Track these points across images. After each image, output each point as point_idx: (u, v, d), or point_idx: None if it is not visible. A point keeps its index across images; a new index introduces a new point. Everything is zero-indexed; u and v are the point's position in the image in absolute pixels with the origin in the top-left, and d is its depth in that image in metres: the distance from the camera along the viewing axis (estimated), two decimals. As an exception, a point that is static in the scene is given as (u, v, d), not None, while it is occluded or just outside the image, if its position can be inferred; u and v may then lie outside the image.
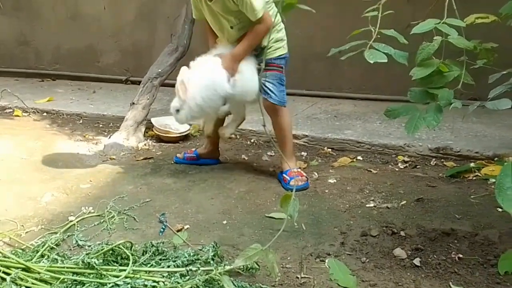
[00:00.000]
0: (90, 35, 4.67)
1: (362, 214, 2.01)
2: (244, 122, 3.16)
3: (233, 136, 2.76)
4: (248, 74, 2.27)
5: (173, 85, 4.02)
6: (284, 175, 2.36)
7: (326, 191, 2.26)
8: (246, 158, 2.76)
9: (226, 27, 2.32)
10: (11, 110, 3.89)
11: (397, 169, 2.48)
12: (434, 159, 2.55)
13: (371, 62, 1.41)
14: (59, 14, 4.78)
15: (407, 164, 2.53)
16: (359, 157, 2.66)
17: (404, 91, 3.10)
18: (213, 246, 1.71)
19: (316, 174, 2.46)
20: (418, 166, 2.50)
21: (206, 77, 2.27)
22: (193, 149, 2.76)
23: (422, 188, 2.25)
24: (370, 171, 2.47)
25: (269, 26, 2.24)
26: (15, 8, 4.97)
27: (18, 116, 3.76)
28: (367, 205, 2.09)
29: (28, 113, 3.80)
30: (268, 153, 2.82)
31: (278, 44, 2.34)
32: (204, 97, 2.25)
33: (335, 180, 2.37)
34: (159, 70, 3.33)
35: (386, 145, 2.68)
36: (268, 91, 2.34)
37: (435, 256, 1.70)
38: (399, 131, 2.82)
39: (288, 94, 3.75)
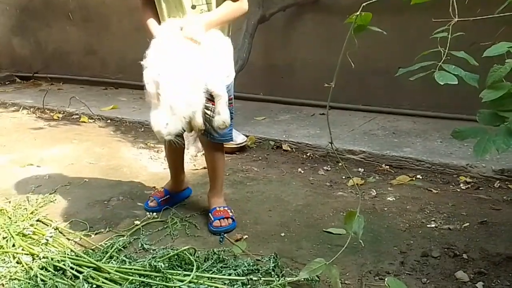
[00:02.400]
0: (152, 47, 4.87)
1: (422, 234, 1.98)
2: (301, 136, 3.24)
3: None
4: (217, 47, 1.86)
5: (235, 97, 4.18)
6: (210, 214, 2.15)
7: (385, 209, 2.24)
8: (302, 172, 2.78)
9: (185, 7, 1.91)
10: (78, 116, 4.12)
11: (459, 190, 2.43)
12: (498, 181, 2.47)
13: (441, 84, 1.40)
14: (125, 26, 5.01)
15: (470, 185, 2.46)
16: (418, 176, 2.62)
17: (466, 109, 3.06)
18: (274, 258, 1.74)
19: (374, 191, 2.44)
20: (481, 188, 2.43)
21: (180, 71, 1.73)
22: (162, 189, 2.39)
23: (485, 210, 2.18)
24: (431, 190, 2.42)
25: (246, 10, 1.96)
26: (84, 20, 5.27)
27: (84, 122, 3.98)
28: (428, 226, 2.05)
29: (93, 120, 4.01)
30: (324, 167, 2.83)
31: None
32: (186, 96, 1.72)
33: (394, 198, 2.35)
34: (219, 82, 3.43)
35: (447, 165, 2.62)
36: (211, 131, 1.94)
37: (499, 281, 1.66)
38: (461, 150, 2.76)
39: (344, 109, 3.82)
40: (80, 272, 1.73)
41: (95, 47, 5.29)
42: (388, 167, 2.77)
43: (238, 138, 3.20)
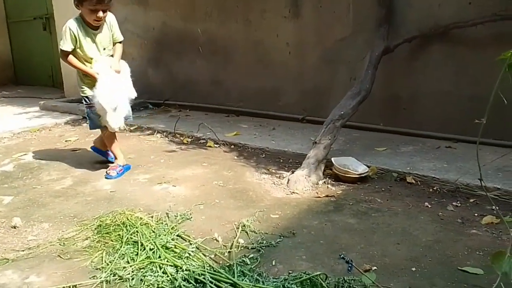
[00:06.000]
0: (274, 78, 5.10)
1: None
2: (427, 169, 3.14)
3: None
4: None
5: (352, 127, 4.23)
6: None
7: (528, 251, 2.09)
8: (429, 206, 2.69)
9: (100, 50, 3.36)
10: (204, 141, 4.43)
11: None
12: None
13: None
14: (248, 59, 5.33)
15: None
16: None
17: None
18: (408, 292, 1.72)
19: (513, 231, 2.29)
20: None
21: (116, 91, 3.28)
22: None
23: None
24: None
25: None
26: (212, 53, 5.70)
27: (210, 147, 4.26)
28: None
29: (219, 145, 4.28)
30: (454, 203, 2.72)
31: None
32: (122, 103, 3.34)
33: (537, 241, 2.17)
34: (342, 113, 3.48)
35: None
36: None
37: None
38: None
39: (473, 142, 3.61)
40: (219, 287, 1.86)
41: (220, 77, 5.67)
42: (527, 207, 2.57)
43: (359, 168, 3.20)
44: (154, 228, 2.45)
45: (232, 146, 4.22)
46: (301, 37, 4.78)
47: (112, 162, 3.72)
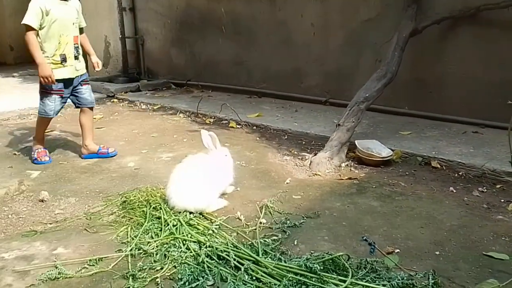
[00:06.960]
0: (297, 59, 5.05)
1: None
2: (453, 154, 3.09)
3: None
4: None
5: (376, 110, 4.17)
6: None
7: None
8: (454, 191, 2.66)
9: (70, 26, 3.27)
10: (227, 121, 4.44)
11: None
12: None
13: None
14: (272, 40, 5.28)
15: None
16: None
17: None
18: (432, 275, 1.71)
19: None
20: None
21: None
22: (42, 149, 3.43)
23: None
24: None
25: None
26: (235, 33, 5.66)
27: (232, 127, 4.27)
28: None
29: (241, 126, 4.28)
30: (479, 188, 2.67)
31: None
32: None
33: None
34: (367, 95, 3.44)
35: None
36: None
37: None
38: None
39: (501, 128, 3.50)
40: (241, 264, 1.88)
41: (243, 58, 5.64)
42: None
43: (383, 151, 3.17)
44: (178, 206, 2.48)
45: (254, 127, 4.21)
46: (326, 17, 4.70)
47: (109, 156, 3.47)
